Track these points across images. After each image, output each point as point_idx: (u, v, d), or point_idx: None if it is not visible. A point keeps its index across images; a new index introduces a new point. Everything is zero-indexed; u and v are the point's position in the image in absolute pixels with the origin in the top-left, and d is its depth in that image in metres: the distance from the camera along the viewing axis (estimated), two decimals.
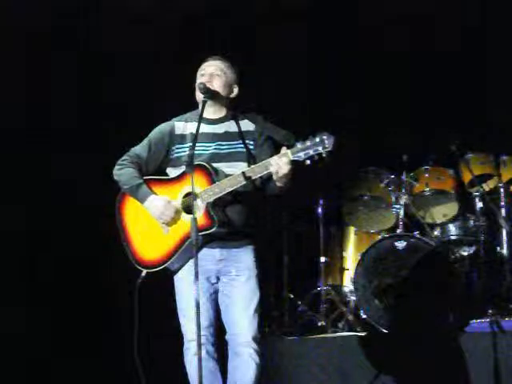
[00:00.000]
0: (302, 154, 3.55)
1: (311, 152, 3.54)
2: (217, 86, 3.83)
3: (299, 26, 6.21)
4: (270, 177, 3.65)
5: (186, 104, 3.93)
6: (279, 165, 3.55)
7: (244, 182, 3.64)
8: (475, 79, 6.16)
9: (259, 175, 3.65)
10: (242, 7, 5.98)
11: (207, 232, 3.65)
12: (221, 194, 3.65)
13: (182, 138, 3.83)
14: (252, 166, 3.68)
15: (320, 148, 3.53)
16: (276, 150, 3.71)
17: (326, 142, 3.53)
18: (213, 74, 3.85)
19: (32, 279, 5.56)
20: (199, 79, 3.87)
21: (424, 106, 6.15)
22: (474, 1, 6.13)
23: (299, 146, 3.56)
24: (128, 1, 5.83)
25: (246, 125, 3.88)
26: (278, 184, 3.63)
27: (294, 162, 3.56)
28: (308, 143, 3.55)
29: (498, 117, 6.09)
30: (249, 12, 6.04)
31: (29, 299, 5.51)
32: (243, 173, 3.64)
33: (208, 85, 3.80)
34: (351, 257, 6.06)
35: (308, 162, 3.56)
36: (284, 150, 3.59)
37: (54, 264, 5.61)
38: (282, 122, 3.86)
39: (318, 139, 3.54)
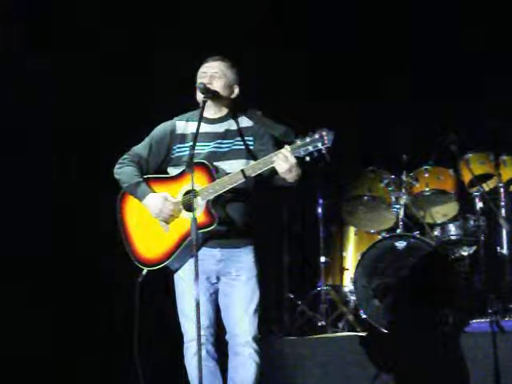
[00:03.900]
0: (301, 151, 3.55)
1: (310, 148, 3.54)
2: (217, 87, 3.83)
3: (296, 24, 6.23)
4: (276, 170, 3.62)
5: (186, 104, 3.93)
6: (281, 161, 3.55)
7: (244, 179, 3.64)
8: (475, 79, 6.15)
9: (259, 171, 3.65)
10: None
11: (207, 230, 3.65)
12: (221, 192, 3.65)
13: (183, 138, 3.84)
14: (252, 163, 3.68)
15: (319, 144, 3.53)
16: (276, 146, 3.71)
17: (326, 138, 3.53)
18: (213, 75, 3.85)
19: (32, 279, 5.56)
20: (199, 80, 3.87)
21: (424, 106, 6.15)
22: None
23: (298, 142, 3.57)
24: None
25: (245, 121, 3.88)
26: (287, 179, 3.63)
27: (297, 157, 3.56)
28: (307, 139, 3.55)
29: (498, 116, 6.08)
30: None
31: (29, 299, 5.51)
32: (243, 170, 3.64)
33: (208, 85, 3.80)
34: (351, 257, 6.07)
35: (307, 158, 3.56)
36: (285, 147, 3.59)
37: (54, 263, 5.61)
38: (282, 120, 3.87)
39: (317, 135, 3.54)
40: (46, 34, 5.59)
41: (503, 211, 5.63)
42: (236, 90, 3.92)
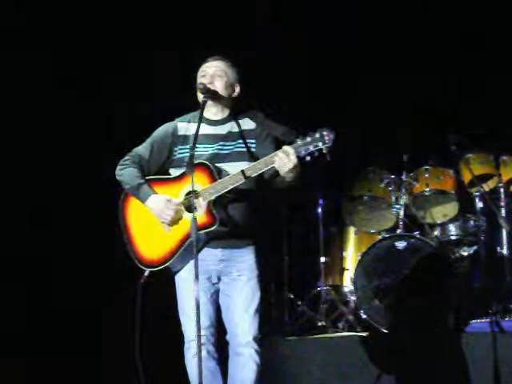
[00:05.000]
0: (302, 150, 3.55)
1: (311, 148, 3.55)
2: (218, 86, 3.82)
3: (298, 22, 6.23)
4: (277, 171, 3.63)
5: (187, 104, 3.93)
6: (282, 161, 3.55)
7: (245, 180, 3.64)
8: (475, 78, 6.16)
9: (260, 171, 3.65)
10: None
11: (208, 230, 3.66)
12: (222, 192, 3.65)
13: (184, 139, 3.83)
14: (253, 163, 3.68)
15: (320, 144, 3.54)
16: (278, 147, 3.71)
17: (326, 137, 3.53)
18: (214, 74, 3.84)
19: (31, 278, 5.55)
20: (200, 80, 3.86)
21: (424, 106, 6.15)
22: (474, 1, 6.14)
23: (299, 142, 3.57)
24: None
25: (247, 123, 3.88)
26: (286, 179, 3.63)
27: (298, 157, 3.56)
28: (308, 139, 3.56)
29: (498, 116, 6.09)
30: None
31: (28, 298, 5.51)
32: (243, 170, 3.64)
33: (209, 86, 3.79)
34: (351, 257, 6.05)
35: (308, 158, 3.56)
36: (284, 147, 3.58)
37: (54, 262, 5.60)
38: (282, 120, 3.87)
39: (318, 135, 3.55)
40: None
41: (503, 211, 5.64)
42: (237, 89, 3.91)
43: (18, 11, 5.52)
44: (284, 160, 3.54)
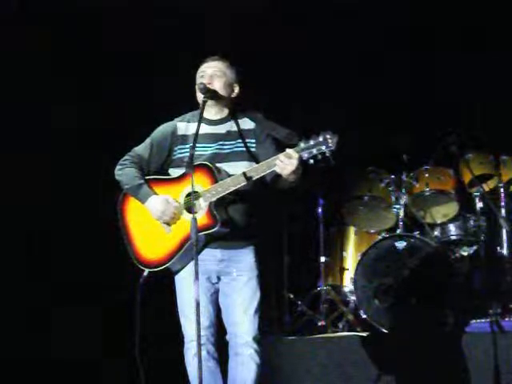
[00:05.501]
0: (305, 154, 3.53)
1: (314, 151, 3.52)
2: (217, 86, 3.82)
3: (299, 26, 6.23)
4: (278, 173, 3.61)
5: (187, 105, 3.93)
6: (284, 163, 3.54)
7: (247, 181, 3.63)
8: (475, 79, 6.16)
9: (262, 174, 3.63)
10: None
11: (209, 232, 3.65)
12: (223, 194, 3.64)
13: (184, 139, 3.82)
14: (255, 165, 3.67)
15: (323, 147, 3.51)
16: (278, 148, 3.70)
17: (330, 141, 3.50)
18: (213, 75, 3.84)
19: (32, 278, 5.55)
20: (199, 80, 3.86)
21: (424, 106, 6.15)
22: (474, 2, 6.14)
23: (302, 145, 3.54)
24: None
25: (247, 123, 3.87)
26: (288, 180, 3.61)
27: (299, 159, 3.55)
28: (311, 142, 3.53)
29: (497, 116, 6.09)
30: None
31: (29, 298, 5.51)
32: (245, 173, 3.63)
33: (208, 85, 3.79)
34: (351, 257, 6.06)
35: (311, 161, 3.54)
36: (287, 150, 3.57)
37: (54, 262, 5.61)
38: (282, 121, 3.87)
39: (321, 138, 3.52)
40: None
41: (503, 211, 5.65)
42: (236, 89, 3.91)
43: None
44: (286, 163, 3.53)
